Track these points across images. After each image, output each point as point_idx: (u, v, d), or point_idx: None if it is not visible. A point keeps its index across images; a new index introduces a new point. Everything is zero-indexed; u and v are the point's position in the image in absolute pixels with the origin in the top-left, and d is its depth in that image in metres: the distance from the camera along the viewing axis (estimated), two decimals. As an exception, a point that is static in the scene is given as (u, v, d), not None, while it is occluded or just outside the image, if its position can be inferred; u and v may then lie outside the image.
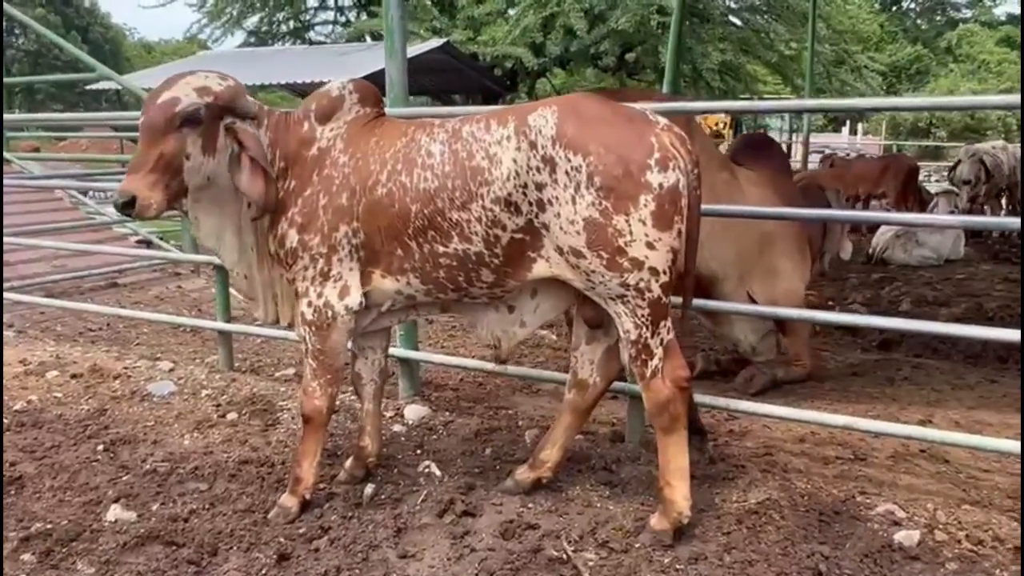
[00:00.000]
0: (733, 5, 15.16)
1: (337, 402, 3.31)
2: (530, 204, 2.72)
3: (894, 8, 34.01)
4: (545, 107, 2.75)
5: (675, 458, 2.87)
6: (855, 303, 7.24)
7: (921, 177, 16.38)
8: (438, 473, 3.44)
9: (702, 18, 14.15)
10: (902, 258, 9.54)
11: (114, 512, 3.10)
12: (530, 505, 3.16)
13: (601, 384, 3.18)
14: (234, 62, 15.24)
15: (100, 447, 3.73)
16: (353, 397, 3.87)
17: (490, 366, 4.32)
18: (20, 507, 3.16)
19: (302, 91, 12.23)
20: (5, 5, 6.09)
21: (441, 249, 2.87)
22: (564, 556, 2.81)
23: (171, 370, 4.84)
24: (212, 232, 3.08)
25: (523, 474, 3.27)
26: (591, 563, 2.78)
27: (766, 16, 14.69)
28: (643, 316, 2.73)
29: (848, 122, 33.63)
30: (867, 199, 12.42)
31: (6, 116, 10.10)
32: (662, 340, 2.79)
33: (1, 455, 3.59)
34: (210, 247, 3.19)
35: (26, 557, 2.80)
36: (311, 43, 17.09)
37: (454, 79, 15.26)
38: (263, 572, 2.73)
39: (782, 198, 4.75)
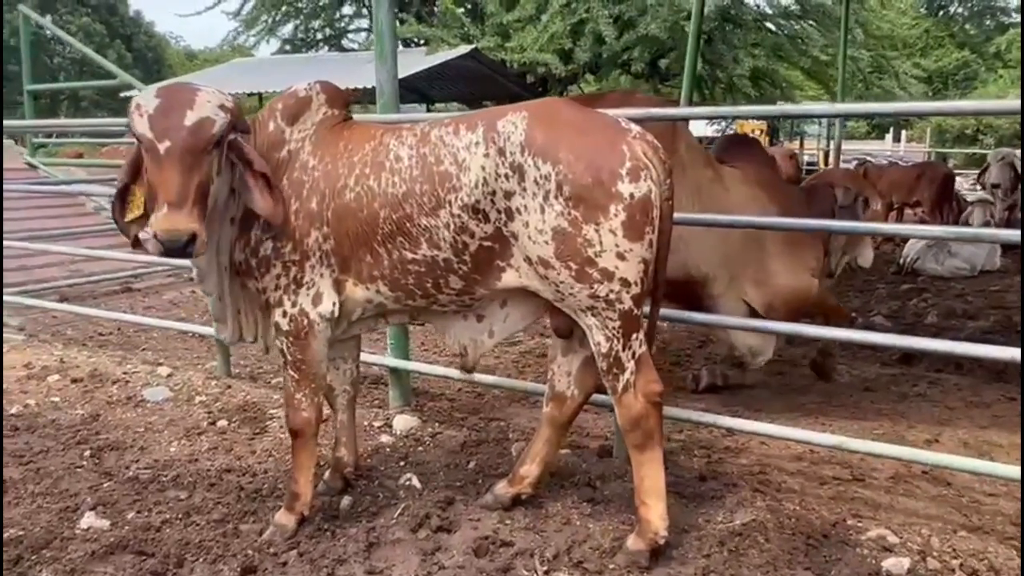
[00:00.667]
0: (768, 11, 14.90)
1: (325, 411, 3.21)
2: (498, 212, 2.64)
3: (940, 13, 33.24)
4: (515, 113, 2.67)
5: (650, 476, 2.78)
6: (878, 315, 7.01)
7: (966, 186, 15.97)
8: (418, 486, 3.37)
9: (735, 23, 13.93)
10: (934, 268, 9.26)
11: (88, 520, 3.09)
12: (507, 521, 3.07)
13: (579, 397, 3.09)
14: (266, 68, 15.42)
15: (87, 453, 3.74)
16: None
17: (487, 377, 4.28)
18: (-2, 513, 3.16)
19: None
20: (20, 6, 6.19)
21: (410, 255, 2.80)
22: (534, 576, 2.73)
23: (169, 376, 4.84)
24: (203, 257, 2.87)
25: (503, 489, 3.18)
26: (561, 584, 2.69)
27: (801, 21, 14.42)
28: (614, 329, 2.64)
29: (891, 129, 32.97)
30: (901, 208, 12.12)
31: (41, 121, 10.31)
32: (634, 353, 2.70)
33: (1, 457, 3.61)
34: (200, 272, 2.96)
35: (-7, 564, 2.79)
36: (344, 50, 17.22)
37: (485, 86, 15.26)
38: (224, 585, 2.69)
39: (770, 195, 4.57)
